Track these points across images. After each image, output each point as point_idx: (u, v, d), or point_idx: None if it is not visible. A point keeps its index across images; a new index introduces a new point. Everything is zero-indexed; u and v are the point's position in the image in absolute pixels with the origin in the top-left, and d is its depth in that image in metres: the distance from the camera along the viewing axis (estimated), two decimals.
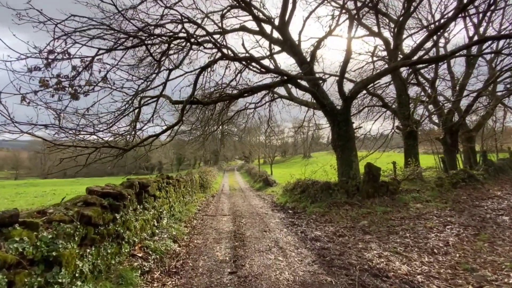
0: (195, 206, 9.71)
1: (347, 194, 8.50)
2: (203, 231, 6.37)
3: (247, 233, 6.09)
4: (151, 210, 5.09)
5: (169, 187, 6.78)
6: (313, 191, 9.45)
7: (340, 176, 9.17)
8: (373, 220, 6.65)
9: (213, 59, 6.95)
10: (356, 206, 7.83)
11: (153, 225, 5.18)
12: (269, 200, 12.15)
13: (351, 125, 9.07)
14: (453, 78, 16.63)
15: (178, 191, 8.03)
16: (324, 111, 8.88)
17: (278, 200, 11.39)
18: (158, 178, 6.04)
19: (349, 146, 8.95)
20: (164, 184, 6.31)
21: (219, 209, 9.66)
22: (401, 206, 7.49)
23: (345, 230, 6.20)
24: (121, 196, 3.73)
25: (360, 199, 8.24)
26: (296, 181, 11.38)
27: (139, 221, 4.46)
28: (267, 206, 10.51)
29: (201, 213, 8.82)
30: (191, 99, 6.30)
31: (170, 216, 6.48)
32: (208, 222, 7.50)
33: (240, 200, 12.23)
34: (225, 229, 6.54)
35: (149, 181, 5.05)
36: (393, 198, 7.99)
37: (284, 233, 6.18)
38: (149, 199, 5.08)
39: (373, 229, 6.05)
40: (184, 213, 7.72)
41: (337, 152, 9.10)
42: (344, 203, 8.14)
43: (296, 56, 8.93)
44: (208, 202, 11.88)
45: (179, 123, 6.26)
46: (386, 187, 8.29)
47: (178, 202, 7.83)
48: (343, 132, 8.82)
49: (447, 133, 15.11)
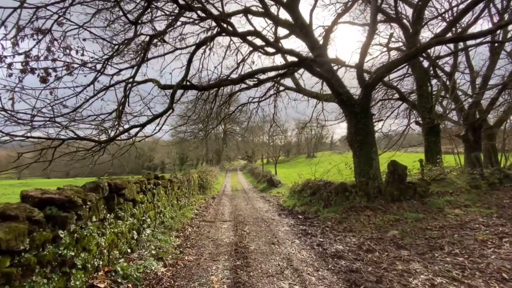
0: (191, 210, 8.57)
1: (367, 197, 7.30)
2: (198, 243, 5.22)
3: (251, 247, 4.93)
4: (128, 219, 3.95)
5: (157, 189, 5.65)
6: (326, 194, 8.27)
7: (357, 176, 7.97)
8: (404, 229, 5.45)
9: (211, 34, 5.81)
10: (380, 212, 6.63)
11: (132, 238, 4.05)
12: (275, 203, 10.98)
13: (371, 117, 7.88)
14: (473, 71, 15.32)
15: (171, 194, 6.90)
16: (339, 101, 7.69)
17: (285, 203, 10.22)
18: (142, 179, 4.91)
19: (369, 142, 7.75)
20: (150, 186, 5.18)
21: (219, 213, 8.51)
22: (435, 212, 6.28)
23: (373, 243, 5.01)
24: (70, 204, 2.60)
25: (383, 203, 7.03)
26: (305, 182, 10.20)
27: (108, 236, 3.32)
28: (273, 209, 9.34)
29: (198, 219, 7.67)
30: (183, 82, 5.16)
31: (157, 224, 5.35)
32: (205, 230, 6.35)
33: (242, 203, 11.08)
34: (225, 240, 5.39)
35: (125, 182, 3.91)
36: (424, 202, 6.78)
37: (297, 246, 5.01)
38: (126, 205, 3.95)
39: (408, 241, 4.85)
40: (177, 219, 6.59)
41: (354, 148, 7.90)
42: (364, 208, 6.95)
43: (307, 39, 7.75)
44: (207, 204, 10.74)
45: (168, 111, 5.14)
46: (414, 189, 7.08)
47: (171, 206, 6.70)
48: (361, 125, 7.62)
49: (469, 130, 13.81)
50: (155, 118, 5.20)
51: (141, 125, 5.07)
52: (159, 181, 5.75)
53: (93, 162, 6.04)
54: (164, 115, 5.21)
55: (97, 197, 3.17)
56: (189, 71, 5.41)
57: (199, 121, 11.49)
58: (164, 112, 5.15)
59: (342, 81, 7.83)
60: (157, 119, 5.23)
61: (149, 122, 5.12)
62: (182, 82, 5.17)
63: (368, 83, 7.11)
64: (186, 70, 5.28)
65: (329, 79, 7.16)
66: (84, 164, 5.79)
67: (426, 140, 11.17)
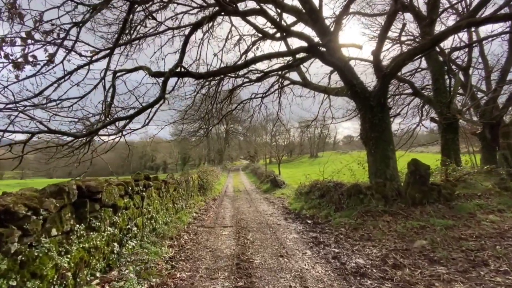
0: (189, 214, 7.85)
1: (384, 200, 6.53)
2: (194, 255, 4.49)
3: (255, 260, 4.19)
4: (106, 230, 3.24)
5: (149, 191, 4.93)
6: (337, 196, 7.51)
7: (372, 176, 7.20)
8: (433, 239, 4.68)
9: (209, 14, 5.08)
10: (400, 217, 5.86)
11: (111, 252, 3.33)
12: (280, 205, 10.24)
13: (388, 111, 7.11)
14: (487, 66, 14.45)
15: (166, 196, 6.19)
16: (352, 93, 6.92)
17: (291, 206, 9.47)
18: (128, 180, 4.19)
19: (385, 138, 6.98)
20: (139, 188, 4.46)
21: (219, 217, 7.79)
22: (465, 218, 5.49)
23: (399, 256, 4.25)
24: (8, 216, 1.88)
25: (403, 207, 6.26)
26: (312, 183, 9.45)
27: (75, 253, 2.61)
28: (279, 213, 8.60)
29: (196, 223, 6.95)
30: (177, 69, 4.44)
31: (148, 232, 4.63)
32: (203, 237, 5.63)
33: (245, 205, 10.35)
34: (225, 251, 4.66)
35: (102, 184, 3.19)
36: (450, 206, 5.99)
37: (310, 260, 4.27)
38: (104, 212, 3.23)
39: (441, 255, 4.08)
40: (172, 225, 5.87)
41: (369, 146, 7.14)
42: (381, 212, 6.18)
43: (316, 25, 6.98)
44: (207, 207, 10.03)
45: (159, 101, 4.42)
46: (438, 191, 6.29)
47: (165, 211, 5.98)
48: (377, 120, 6.86)
49: (485, 127, 12.94)
50: (145, 109, 4.49)
51: (129, 117, 4.37)
52: (150, 182, 5.03)
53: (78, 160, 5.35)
54: (155, 105, 4.51)
55: (58, 204, 2.46)
56: (184, 56, 4.70)
57: (198, 118, 10.79)
58: (155, 102, 4.45)
59: (355, 72, 7.07)
60: (147, 110, 4.53)
61: (138, 114, 4.42)
62: (175, 69, 4.47)
63: (386, 72, 6.33)
64: (180, 55, 4.58)
65: (342, 68, 6.40)
66: (67, 162, 5.09)
67: (443, 138, 10.35)
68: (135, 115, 4.39)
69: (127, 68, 5.24)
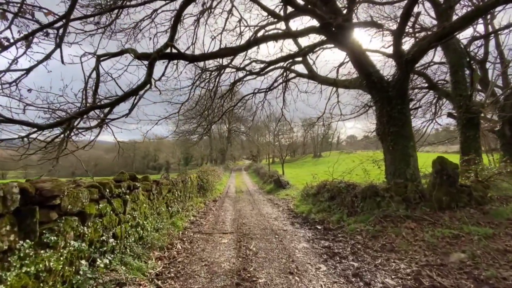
0: (186, 217, 7.13)
1: (405, 203, 5.75)
2: (186, 270, 3.76)
3: (259, 279, 3.44)
4: (67, 245, 2.51)
5: (134, 194, 4.21)
6: (350, 198, 6.74)
7: (390, 176, 6.42)
8: (473, 251, 3.90)
9: None
10: (427, 224, 5.08)
11: (75, 273, 2.60)
12: (284, 207, 9.48)
13: (408, 103, 6.32)
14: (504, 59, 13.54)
15: (157, 199, 5.47)
16: (368, 83, 6.15)
17: (297, 208, 8.71)
18: (106, 181, 3.46)
19: (405, 133, 6.20)
20: (121, 190, 3.73)
21: (219, 222, 7.05)
22: (505, 225, 4.68)
23: (434, 273, 3.49)
24: None
25: (428, 211, 5.48)
26: (320, 183, 8.68)
27: (14, 281, 1.89)
28: (284, 216, 7.84)
29: (193, 229, 6.23)
30: (166, 49, 3.71)
31: (132, 243, 3.90)
32: (199, 246, 4.90)
33: (247, 207, 9.61)
34: (223, 266, 3.91)
35: (61, 187, 2.46)
36: (484, 211, 5.19)
37: (326, 278, 3.51)
38: (64, 222, 2.51)
39: (489, 273, 3.31)
40: (164, 232, 5.15)
41: (387, 142, 6.36)
42: (403, 218, 5.40)
43: (327, 7, 6.20)
44: (207, 209, 9.30)
45: (145, 85, 3.71)
46: (468, 193, 5.50)
47: (156, 215, 5.26)
48: (396, 113, 6.08)
49: (505, 124, 12.05)
50: (128, 96, 3.79)
51: (109, 104, 3.67)
52: (136, 183, 4.30)
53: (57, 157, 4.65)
54: (140, 91, 3.80)
55: None
56: (175, 35, 3.98)
57: (197, 115, 10.09)
58: (140, 88, 3.74)
59: (371, 60, 6.29)
60: (130, 96, 3.82)
61: (121, 101, 3.72)
62: (164, 49, 3.76)
63: (407, 58, 5.55)
64: (171, 32, 3.87)
65: (357, 54, 5.64)
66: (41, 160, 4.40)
67: (463, 135, 9.51)
68: (117, 103, 3.69)
69: (111, 52, 4.53)
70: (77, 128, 4.12)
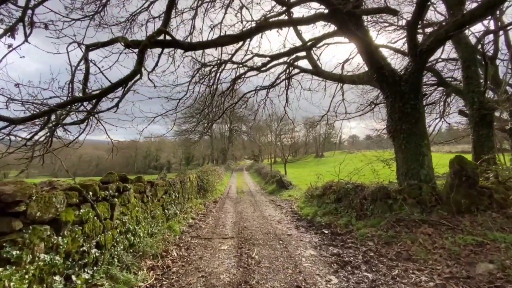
0: (185, 220, 6.73)
1: (420, 206, 5.32)
2: (180, 283, 3.36)
3: None
4: (37, 260, 2.11)
5: (124, 196, 3.80)
6: (359, 200, 6.31)
7: (402, 177, 5.99)
8: (502, 261, 3.47)
9: None
10: (445, 229, 4.65)
11: None
12: (288, 209, 9.07)
13: (422, 98, 5.89)
14: None
15: (152, 201, 5.07)
16: (379, 76, 5.72)
17: (301, 210, 8.29)
18: (89, 182, 3.06)
19: (419, 131, 5.77)
20: (108, 193, 3.34)
21: (219, 225, 6.65)
22: None
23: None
24: None
25: (445, 215, 5.04)
26: (326, 184, 8.26)
27: None
28: (288, 219, 7.43)
29: (190, 233, 5.83)
30: (159, 36, 3.31)
31: (120, 251, 3.50)
32: (197, 254, 4.49)
33: (249, 209, 9.20)
34: (222, 278, 3.51)
35: (26, 190, 2.06)
36: (508, 215, 4.75)
37: None
38: (31, 232, 2.11)
39: None
40: (159, 237, 4.75)
41: (398, 141, 5.93)
42: (419, 222, 4.97)
43: None
44: (207, 211, 8.91)
45: (134, 75, 3.32)
46: (489, 196, 5.06)
47: (151, 219, 4.87)
48: (409, 109, 5.66)
49: None
50: (117, 86, 3.39)
51: (94, 96, 3.27)
52: (127, 184, 3.91)
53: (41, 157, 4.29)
54: (130, 81, 3.41)
55: None
56: (169, 20, 3.59)
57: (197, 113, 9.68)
58: (129, 78, 3.35)
59: (381, 52, 5.86)
60: (119, 87, 3.43)
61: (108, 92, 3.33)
62: (157, 35, 3.37)
63: (422, 49, 5.12)
64: (164, 17, 3.48)
65: (368, 45, 5.22)
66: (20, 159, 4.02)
67: (475, 133, 9.02)
68: (103, 94, 3.30)
69: (101, 41, 4.14)
70: (61, 124, 3.72)
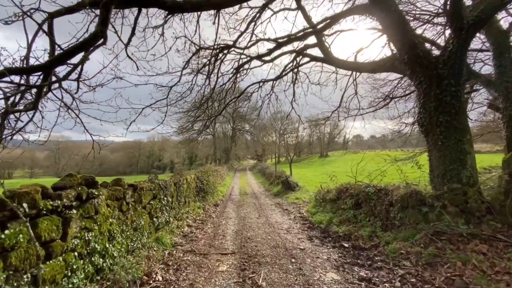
0: (179, 229, 5.79)
1: (466, 216, 4.30)
2: None
3: None
4: None
5: (87, 207, 2.87)
6: (384, 207, 5.31)
7: (438, 179, 4.97)
8: None
9: None
10: (504, 246, 3.64)
11: None
12: (297, 214, 8.10)
13: (464, 84, 4.88)
14: None
15: (135, 209, 4.14)
16: (412, 58, 4.72)
17: (312, 217, 7.31)
18: (27, 190, 2.12)
19: (459, 125, 4.76)
20: (60, 203, 2.40)
21: (218, 235, 5.69)
22: None
23: None
24: None
25: (499, 228, 4.03)
26: (341, 187, 7.25)
27: None
28: (298, 227, 6.46)
29: (184, 246, 4.88)
30: None
31: (80, 282, 2.56)
32: (188, 278, 3.54)
33: (253, 214, 8.24)
34: None
35: None
36: None
37: None
38: None
39: None
40: (142, 254, 3.82)
41: (433, 135, 4.92)
42: (466, 237, 3.96)
43: None
44: (206, 216, 7.97)
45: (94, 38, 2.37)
46: None
47: (131, 232, 3.93)
48: (448, 97, 4.65)
49: None
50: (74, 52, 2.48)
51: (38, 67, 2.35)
52: (94, 190, 2.97)
53: None
54: (90, 47, 2.51)
55: None
56: None
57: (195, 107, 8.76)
58: (88, 42, 2.44)
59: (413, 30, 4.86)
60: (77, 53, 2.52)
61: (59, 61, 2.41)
62: None
63: (470, 21, 4.11)
64: None
65: (401, 19, 4.22)
66: None
67: (509, 129, 7.96)
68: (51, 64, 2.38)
69: (65, 7, 3.22)
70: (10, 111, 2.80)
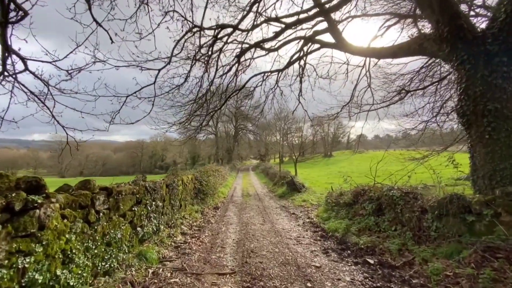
0: (170, 239, 4.94)
1: None
2: None
3: None
4: None
5: (24, 220, 2.04)
6: (415, 215, 4.41)
7: (484, 181, 4.07)
8: None
9: None
10: None
11: None
12: (306, 219, 7.23)
13: None
14: None
15: (110, 219, 3.30)
16: (453, 31, 3.84)
17: (324, 223, 6.43)
18: None
19: (511, 114, 3.84)
20: None
21: (216, 246, 4.84)
22: None
23: None
24: None
25: None
26: (357, 189, 6.35)
27: None
28: (309, 236, 5.59)
29: (172, 262, 4.03)
30: None
31: None
32: None
33: (257, 219, 7.38)
34: None
35: None
36: None
37: None
38: None
39: None
40: (116, 276, 2.98)
41: (478, 127, 4.02)
42: None
43: None
44: (204, 221, 7.13)
45: None
46: None
47: (102, 249, 3.08)
48: (499, 80, 3.76)
49: None
50: None
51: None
52: (35, 197, 2.13)
53: None
54: None
55: None
56: None
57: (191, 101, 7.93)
58: None
59: None
60: None
61: None
62: None
63: None
64: None
65: None
66: None
67: None
68: None
69: None
70: None
